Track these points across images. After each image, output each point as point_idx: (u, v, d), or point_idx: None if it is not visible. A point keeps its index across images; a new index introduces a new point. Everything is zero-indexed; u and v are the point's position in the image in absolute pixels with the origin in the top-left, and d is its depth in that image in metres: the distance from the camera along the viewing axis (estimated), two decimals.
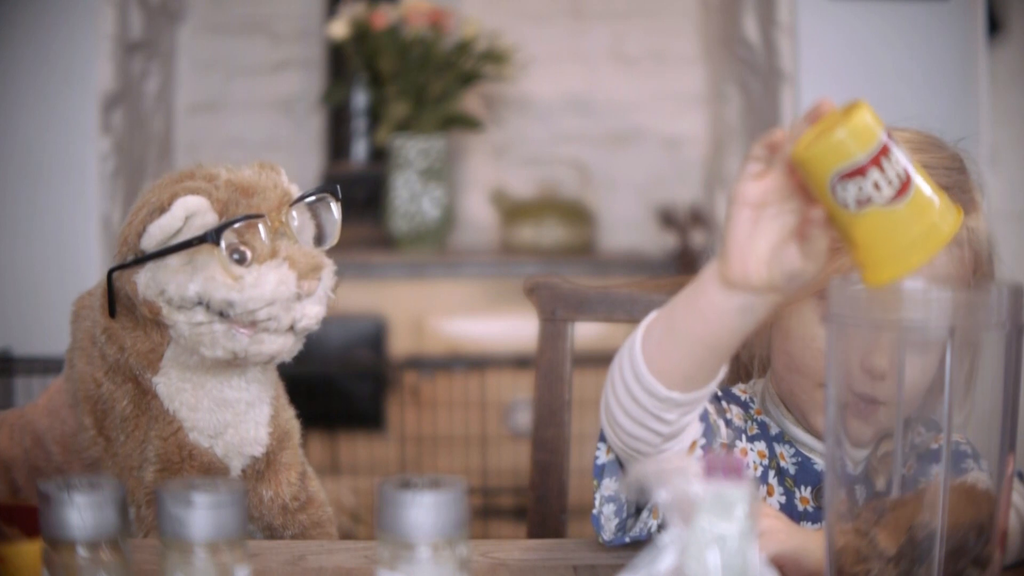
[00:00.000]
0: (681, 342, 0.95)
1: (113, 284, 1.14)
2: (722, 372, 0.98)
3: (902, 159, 0.85)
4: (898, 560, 0.83)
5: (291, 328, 1.11)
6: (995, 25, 3.07)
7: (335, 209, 1.17)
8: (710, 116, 3.52)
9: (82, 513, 0.75)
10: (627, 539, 1.06)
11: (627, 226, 3.55)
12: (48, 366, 2.32)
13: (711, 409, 1.11)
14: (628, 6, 3.57)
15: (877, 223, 0.85)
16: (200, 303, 1.10)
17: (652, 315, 1.00)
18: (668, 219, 3.37)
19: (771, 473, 1.15)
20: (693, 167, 3.54)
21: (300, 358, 1.29)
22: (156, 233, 1.09)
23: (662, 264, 3.22)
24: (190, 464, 1.17)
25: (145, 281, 1.12)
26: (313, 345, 1.19)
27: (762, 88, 3.00)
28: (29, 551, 0.85)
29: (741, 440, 1.15)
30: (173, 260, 1.10)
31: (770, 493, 1.14)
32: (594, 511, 1.07)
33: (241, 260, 1.10)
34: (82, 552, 0.76)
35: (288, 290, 1.09)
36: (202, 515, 0.74)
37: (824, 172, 0.85)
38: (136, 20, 2.95)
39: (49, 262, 2.64)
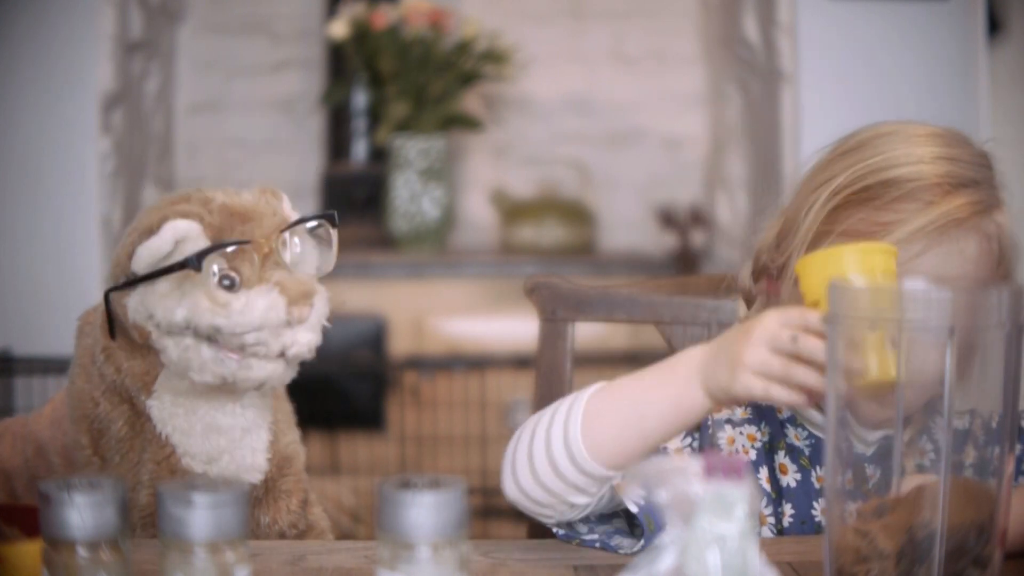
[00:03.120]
0: (633, 426, 1.00)
1: (111, 305, 1.13)
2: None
3: None
4: (898, 560, 0.83)
5: (281, 355, 1.09)
6: (995, 25, 3.07)
7: (332, 237, 1.15)
8: (710, 116, 3.52)
9: (82, 513, 0.75)
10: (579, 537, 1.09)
11: (627, 226, 3.54)
12: (48, 366, 2.32)
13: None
14: (628, 6, 3.57)
15: None
16: (188, 328, 1.08)
17: (591, 389, 1.03)
18: (668, 219, 3.37)
19: (781, 453, 1.16)
20: (693, 167, 3.54)
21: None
22: (145, 256, 1.07)
23: (662, 264, 3.22)
24: None
25: (134, 305, 1.10)
26: None
27: (762, 88, 3.00)
28: (29, 551, 0.85)
29: (724, 431, 1.17)
30: (162, 285, 1.08)
31: (783, 471, 1.15)
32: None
33: (231, 286, 1.08)
34: (82, 552, 0.76)
35: (278, 316, 1.07)
36: (202, 515, 0.74)
37: None
38: (136, 20, 2.95)
39: (49, 262, 2.64)
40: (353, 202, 3.34)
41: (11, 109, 2.64)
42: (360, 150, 3.42)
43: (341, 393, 2.92)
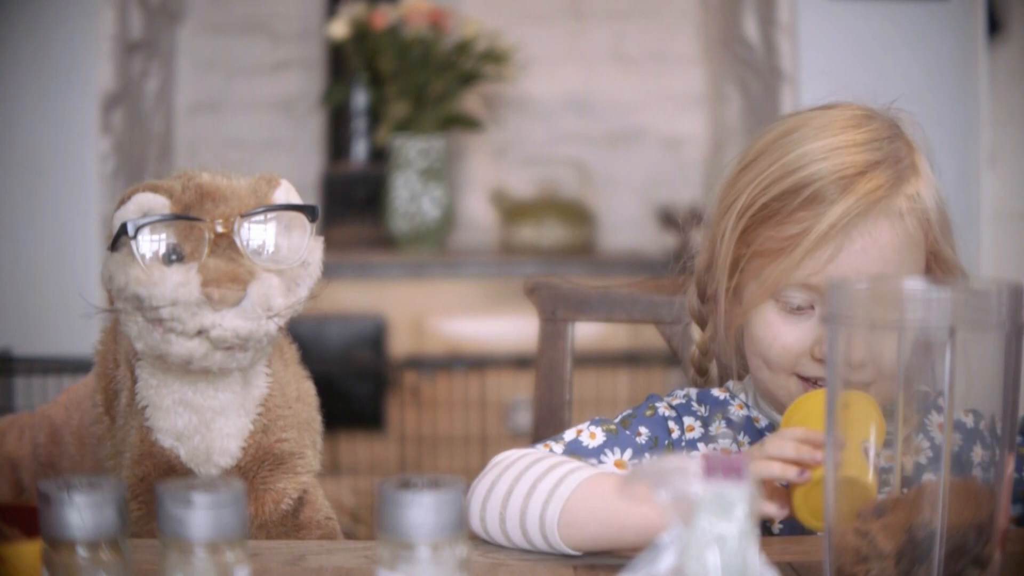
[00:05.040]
0: (611, 538, 0.99)
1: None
2: None
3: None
4: (898, 560, 0.83)
5: (201, 334, 1.07)
6: (995, 25, 3.07)
7: (308, 230, 1.13)
8: (710, 116, 3.52)
9: (82, 513, 0.75)
10: None
11: (627, 226, 3.55)
12: (48, 366, 2.32)
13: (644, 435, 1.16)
14: (628, 6, 3.57)
15: None
16: (123, 295, 1.09)
17: (579, 477, 1.02)
18: (668, 219, 3.37)
19: None
20: (693, 167, 3.54)
21: (300, 358, 1.27)
22: (114, 224, 1.10)
23: (662, 264, 3.21)
24: (150, 460, 1.15)
25: (102, 270, 1.13)
26: (313, 345, 1.16)
27: (762, 88, 3.00)
28: (29, 551, 0.85)
29: (697, 449, 1.17)
30: (121, 252, 1.10)
31: None
32: None
33: (176, 262, 1.09)
34: (82, 552, 0.76)
35: (189, 293, 1.06)
36: (202, 515, 0.74)
37: None
38: (136, 20, 2.95)
39: (49, 262, 2.64)
40: (353, 202, 3.34)
41: (11, 109, 2.64)
42: (360, 150, 3.42)
43: (341, 393, 2.92)
